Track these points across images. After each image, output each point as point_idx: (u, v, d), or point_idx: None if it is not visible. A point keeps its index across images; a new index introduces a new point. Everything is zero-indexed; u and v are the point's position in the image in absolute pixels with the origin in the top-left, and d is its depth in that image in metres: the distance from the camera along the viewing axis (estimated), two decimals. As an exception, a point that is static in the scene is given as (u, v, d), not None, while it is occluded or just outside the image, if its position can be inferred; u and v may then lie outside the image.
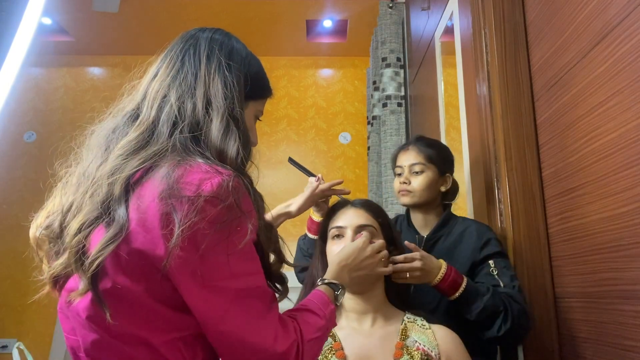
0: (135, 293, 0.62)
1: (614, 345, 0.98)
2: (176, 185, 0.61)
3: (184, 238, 0.58)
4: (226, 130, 0.69)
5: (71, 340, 0.68)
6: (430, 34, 2.27)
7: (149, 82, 0.76)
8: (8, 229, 3.45)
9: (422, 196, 1.29)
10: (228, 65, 0.75)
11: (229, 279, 0.62)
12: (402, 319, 1.00)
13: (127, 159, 0.65)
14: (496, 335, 1.05)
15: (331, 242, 1.06)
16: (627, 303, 0.95)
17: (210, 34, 0.79)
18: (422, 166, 1.30)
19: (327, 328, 0.75)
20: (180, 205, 0.59)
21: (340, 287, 0.83)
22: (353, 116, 3.74)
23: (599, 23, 1.03)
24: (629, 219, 0.93)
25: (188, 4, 3.17)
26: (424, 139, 1.37)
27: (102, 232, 0.62)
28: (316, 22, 3.46)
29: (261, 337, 0.63)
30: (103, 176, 0.65)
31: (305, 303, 0.77)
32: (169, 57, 0.77)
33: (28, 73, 3.81)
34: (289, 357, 0.65)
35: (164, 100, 0.72)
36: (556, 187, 1.23)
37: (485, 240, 1.20)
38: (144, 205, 0.62)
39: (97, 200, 0.64)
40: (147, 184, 0.64)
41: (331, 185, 1.23)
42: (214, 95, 0.72)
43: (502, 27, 1.43)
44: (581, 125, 1.11)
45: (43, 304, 3.29)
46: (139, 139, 0.68)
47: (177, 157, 0.65)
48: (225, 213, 0.61)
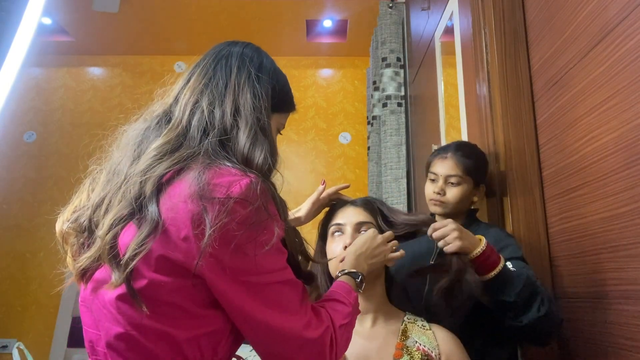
0: (164, 290, 0.64)
1: (614, 345, 0.98)
2: (207, 187, 0.64)
3: (215, 237, 0.61)
4: (254, 139, 0.72)
5: (90, 334, 0.71)
6: (430, 34, 2.27)
7: (180, 89, 0.80)
8: (8, 229, 3.45)
9: (454, 208, 1.26)
10: (257, 77, 0.79)
11: (260, 275, 0.66)
12: (403, 319, 1.00)
13: (161, 160, 0.69)
14: (537, 315, 0.97)
15: (331, 239, 1.06)
16: (627, 303, 0.95)
17: (242, 48, 0.83)
18: (459, 179, 1.25)
19: (354, 315, 0.79)
20: (211, 206, 0.62)
21: (360, 275, 0.87)
22: (353, 116, 3.74)
23: (599, 23, 1.03)
24: (629, 219, 0.93)
25: (188, 4, 3.17)
26: (464, 148, 1.31)
27: (132, 229, 0.65)
28: (316, 22, 3.46)
29: (295, 324, 0.67)
30: (136, 174, 0.68)
31: (330, 294, 0.81)
32: (201, 67, 0.81)
33: (28, 73, 3.81)
34: (324, 342, 0.68)
35: (196, 107, 0.75)
36: (556, 187, 1.23)
37: (503, 246, 1.14)
38: (175, 205, 0.64)
39: (129, 197, 0.66)
40: (177, 184, 0.66)
41: (338, 189, 1.23)
42: (242, 104, 0.75)
43: (502, 27, 1.43)
44: (581, 125, 1.11)
45: (43, 304, 3.30)
46: (173, 142, 0.71)
47: (207, 160, 0.68)
48: (253, 215, 0.64)
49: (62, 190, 3.47)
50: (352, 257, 0.91)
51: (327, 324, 0.70)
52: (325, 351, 0.69)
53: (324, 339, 0.68)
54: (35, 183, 3.54)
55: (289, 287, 0.69)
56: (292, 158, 3.64)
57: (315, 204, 1.19)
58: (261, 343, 0.68)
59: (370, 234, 0.96)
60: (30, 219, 3.47)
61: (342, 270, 0.88)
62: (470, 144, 1.36)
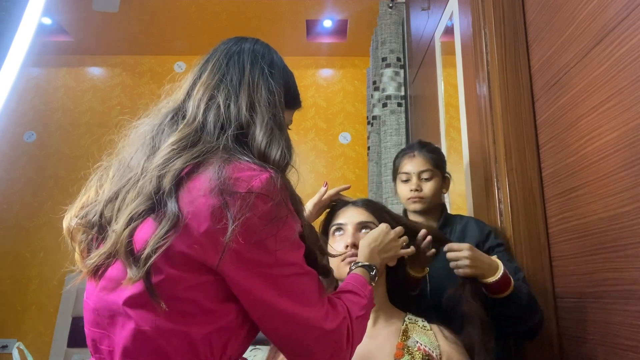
0: (181, 286, 0.63)
1: (614, 345, 0.98)
2: (228, 181, 0.63)
3: (238, 232, 0.61)
4: (271, 135, 0.73)
5: (93, 332, 0.69)
6: (430, 34, 2.27)
7: (191, 85, 0.79)
8: (8, 229, 3.45)
9: (432, 201, 1.33)
10: (270, 72, 0.79)
11: (281, 267, 0.66)
12: (404, 320, 1.00)
13: (181, 154, 0.68)
14: (536, 323, 1.07)
15: (332, 238, 1.07)
16: (627, 303, 0.95)
17: (252, 44, 0.83)
18: (430, 172, 1.33)
19: (369, 307, 0.79)
20: (233, 201, 0.62)
21: (374, 268, 0.88)
22: (353, 116, 3.74)
23: (599, 23, 1.03)
24: (629, 219, 0.93)
25: (188, 4, 3.17)
26: (426, 144, 1.39)
27: (149, 224, 0.64)
28: (316, 22, 3.46)
29: (315, 315, 0.67)
30: (153, 168, 0.67)
31: (344, 286, 0.81)
32: (212, 62, 0.80)
33: (28, 73, 3.81)
34: (342, 333, 0.69)
35: (211, 102, 0.75)
36: (556, 187, 1.23)
37: (487, 233, 1.25)
38: (195, 199, 0.63)
39: (147, 192, 0.65)
40: (197, 178, 0.65)
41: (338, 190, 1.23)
42: (257, 100, 0.76)
43: (502, 27, 1.43)
44: (581, 125, 1.11)
45: (43, 304, 3.30)
46: (191, 136, 0.70)
47: (225, 155, 0.68)
48: (274, 210, 0.65)
49: (62, 190, 3.50)
50: (367, 250, 0.92)
51: (344, 315, 0.71)
52: (342, 341, 0.69)
53: (341, 330, 0.69)
54: (35, 183, 3.54)
55: (308, 279, 0.70)
56: (292, 158, 3.64)
57: (317, 205, 1.19)
58: (280, 334, 0.68)
59: (384, 228, 0.97)
60: (30, 219, 3.47)
61: (356, 263, 0.89)
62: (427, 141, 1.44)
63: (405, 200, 1.35)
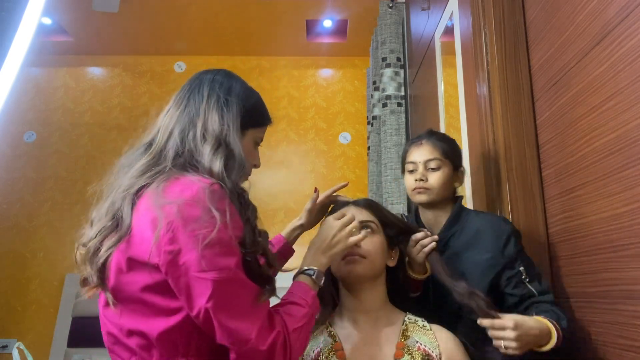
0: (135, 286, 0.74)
1: (614, 345, 0.99)
2: (162, 193, 0.75)
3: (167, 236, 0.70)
4: (216, 151, 0.82)
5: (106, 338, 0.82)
6: (430, 34, 2.27)
7: (162, 118, 0.91)
8: (8, 229, 3.45)
9: (439, 194, 1.20)
10: (226, 100, 0.89)
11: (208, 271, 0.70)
12: (403, 320, 1.00)
13: (138, 179, 0.80)
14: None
15: None
16: (627, 303, 0.95)
17: (213, 75, 0.93)
18: (438, 162, 1.20)
19: (311, 314, 0.82)
20: (165, 209, 0.72)
21: (314, 271, 0.87)
22: (353, 116, 3.74)
23: (599, 23, 1.03)
24: (629, 219, 0.93)
25: (188, 4, 3.17)
26: (437, 133, 1.28)
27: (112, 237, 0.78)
28: (316, 22, 3.46)
29: (244, 326, 0.70)
30: (119, 192, 0.81)
31: (287, 297, 0.84)
32: (178, 97, 0.92)
33: (28, 73, 3.81)
34: (274, 350, 0.71)
35: (172, 132, 0.86)
36: (556, 187, 1.23)
37: (506, 239, 1.12)
38: (140, 213, 0.76)
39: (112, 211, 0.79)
40: (144, 196, 0.78)
41: (334, 190, 1.23)
42: (210, 125, 0.85)
43: (502, 27, 1.43)
44: (581, 125, 1.11)
45: (43, 304, 3.30)
46: (149, 163, 0.83)
47: (173, 174, 0.79)
48: (200, 213, 0.72)
49: (61, 190, 3.50)
50: (308, 253, 0.91)
51: (278, 330, 0.73)
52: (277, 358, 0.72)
53: (274, 346, 0.71)
54: (35, 183, 3.54)
55: (238, 287, 0.73)
56: (292, 158, 3.65)
57: (312, 211, 1.20)
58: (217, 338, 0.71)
59: (325, 224, 0.95)
60: (30, 219, 3.47)
61: (298, 270, 0.88)
62: (439, 131, 1.34)
63: (411, 191, 1.23)
